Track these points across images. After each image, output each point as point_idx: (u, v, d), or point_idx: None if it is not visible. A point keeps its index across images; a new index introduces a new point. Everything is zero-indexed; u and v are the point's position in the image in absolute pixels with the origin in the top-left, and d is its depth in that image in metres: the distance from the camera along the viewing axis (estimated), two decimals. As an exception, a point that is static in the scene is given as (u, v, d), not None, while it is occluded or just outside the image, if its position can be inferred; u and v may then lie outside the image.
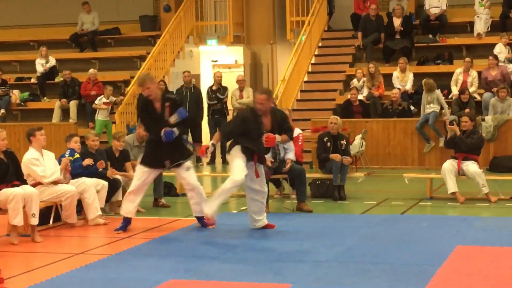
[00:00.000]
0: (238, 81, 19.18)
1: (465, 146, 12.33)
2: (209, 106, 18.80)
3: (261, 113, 9.82)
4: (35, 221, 9.75)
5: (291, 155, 11.80)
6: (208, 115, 18.93)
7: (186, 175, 10.30)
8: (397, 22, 19.65)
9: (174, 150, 10.16)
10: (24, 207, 9.64)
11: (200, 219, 10.46)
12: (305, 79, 20.16)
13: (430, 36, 19.95)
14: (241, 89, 18.97)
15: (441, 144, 16.70)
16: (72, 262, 8.65)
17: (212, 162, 18.64)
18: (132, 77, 20.34)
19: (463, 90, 17.14)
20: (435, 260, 8.20)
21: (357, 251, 8.86)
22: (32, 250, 9.41)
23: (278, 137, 9.87)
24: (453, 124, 12.59)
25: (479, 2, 19.66)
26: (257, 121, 9.86)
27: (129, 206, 10.29)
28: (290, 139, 10.44)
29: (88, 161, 11.19)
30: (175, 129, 10.01)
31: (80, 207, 10.98)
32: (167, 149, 10.09)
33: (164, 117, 10.05)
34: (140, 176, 10.22)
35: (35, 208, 9.74)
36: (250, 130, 9.84)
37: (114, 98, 19.30)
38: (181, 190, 13.92)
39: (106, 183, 11.20)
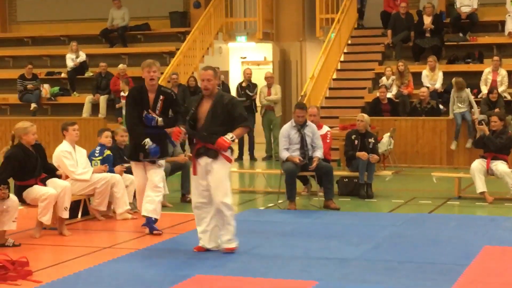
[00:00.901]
0: (266, 78, 19.20)
1: (494, 146, 12.26)
2: (239, 103, 18.76)
3: (206, 94, 8.56)
4: (66, 214, 9.84)
5: (319, 153, 11.79)
6: (237, 112, 18.88)
7: (153, 172, 9.76)
8: (427, 20, 19.54)
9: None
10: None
11: (149, 220, 9.88)
12: (334, 76, 20.12)
13: (461, 34, 19.81)
14: (269, 86, 18.98)
15: (468, 145, 16.62)
16: (100, 256, 8.70)
17: (240, 158, 18.67)
18: (162, 73, 20.39)
19: (491, 89, 17.04)
20: (462, 260, 8.17)
21: (384, 249, 8.84)
22: (60, 244, 9.48)
23: (228, 137, 8.33)
24: (482, 124, 12.51)
25: (511, 1, 19.49)
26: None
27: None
28: (245, 129, 8.71)
29: (119, 170, 11.21)
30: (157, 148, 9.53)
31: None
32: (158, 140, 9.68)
33: (154, 111, 9.60)
34: (136, 173, 10.01)
35: (67, 202, 9.83)
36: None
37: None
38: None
39: (134, 179, 11.26)
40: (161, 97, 9.65)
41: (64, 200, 9.77)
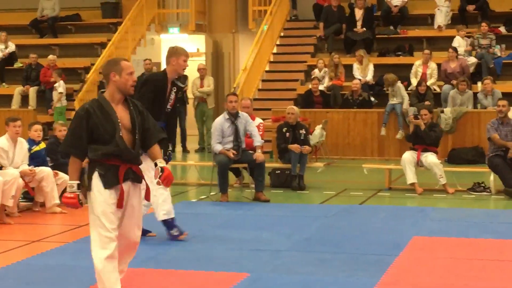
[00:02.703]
0: (199, 70, 19.17)
1: (429, 140, 12.45)
2: (170, 94, 18.68)
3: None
4: (11, 203, 10.06)
5: (258, 141, 11.70)
6: (169, 103, 18.81)
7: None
8: (358, 13, 19.71)
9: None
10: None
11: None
12: (267, 68, 20.17)
13: (391, 27, 20.04)
14: (202, 78, 18.95)
15: (398, 136, 16.83)
16: (28, 249, 8.59)
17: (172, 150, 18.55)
18: (93, 64, 20.20)
19: (420, 82, 17.29)
20: (392, 250, 8.27)
21: (316, 240, 8.90)
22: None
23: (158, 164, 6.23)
24: (418, 118, 12.64)
25: (439, -5, 19.81)
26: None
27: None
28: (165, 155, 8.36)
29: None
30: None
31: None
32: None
33: (167, 103, 8.96)
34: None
35: (14, 191, 10.07)
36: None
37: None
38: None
39: (66, 178, 11.08)
40: (174, 89, 9.14)
41: (11, 189, 9.89)
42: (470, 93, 17.00)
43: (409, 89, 17.70)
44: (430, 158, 12.37)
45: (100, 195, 5.99)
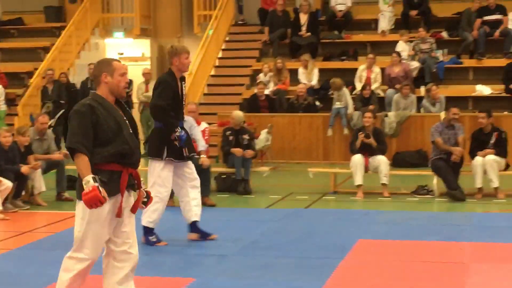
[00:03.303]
0: (144, 74, 19.10)
1: (382, 152, 12.61)
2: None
3: None
4: None
5: (202, 145, 11.66)
6: (114, 108, 18.72)
7: (192, 167, 9.01)
8: (303, 18, 19.82)
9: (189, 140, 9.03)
10: None
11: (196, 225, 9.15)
12: (212, 73, 20.16)
13: (336, 32, 20.19)
14: (147, 82, 18.89)
15: (346, 131, 16.85)
16: (-30, 257, 8.44)
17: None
18: (36, 69, 19.96)
19: (364, 86, 17.45)
20: (337, 253, 8.32)
21: (262, 245, 8.91)
22: None
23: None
24: (369, 137, 12.65)
25: (383, 0, 20.01)
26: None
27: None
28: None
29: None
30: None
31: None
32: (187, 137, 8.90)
33: (182, 100, 8.77)
34: (167, 176, 8.86)
35: None
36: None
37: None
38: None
39: (10, 185, 10.98)
40: (184, 83, 8.86)
41: None
42: (414, 97, 17.20)
43: (353, 93, 17.84)
44: (379, 157, 12.49)
45: (101, 208, 5.45)
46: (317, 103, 17.94)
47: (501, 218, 10.87)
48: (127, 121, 5.67)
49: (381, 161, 12.47)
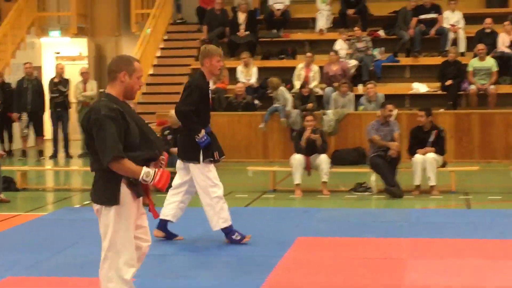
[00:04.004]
0: (81, 74, 18.91)
1: (323, 152, 12.65)
2: (51, 99, 18.40)
3: None
4: None
5: None
6: (50, 108, 18.53)
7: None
8: (242, 17, 19.83)
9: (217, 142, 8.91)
10: None
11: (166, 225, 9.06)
12: (151, 72, 20.06)
13: (274, 31, 20.25)
14: (85, 82, 18.69)
15: (282, 120, 16.78)
16: None
17: (54, 156, 18.26)
18: (-30, 69, 19.62)
19: (303, 84, 17.53)
20: (277, 251, 8.33)
21: (201, 244, 8.89)
22: None
23: None
24: (317, 133, 12.67)
25: (320, -1, 20.16)
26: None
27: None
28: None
29: None
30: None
31: None
32: (215, 140, 8.82)
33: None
34: (211, 175, 8.74)
35: None
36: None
37: None
38: (21, 185, 13.58)
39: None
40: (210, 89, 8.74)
41: None
42: (352, 95, 17.34)
43: (292, 91, 17.90)
44: (321, 155, 12.54)
45: (130, 211, 5.41)
46: (256, 101, 17.96)
47: (438, 214, 11.01)
48: (148, 124, 5.55)
49: (322, 159, 12.52)
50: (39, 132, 18.41)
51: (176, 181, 8.98)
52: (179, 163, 8.87)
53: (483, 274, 7.44)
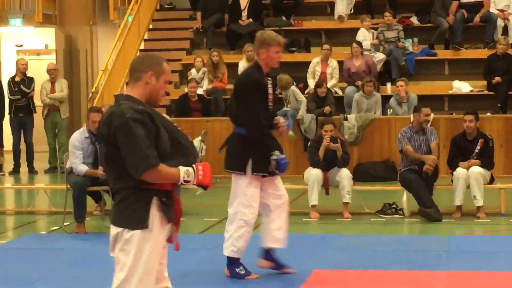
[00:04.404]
0: (49, 71, 18.91)
1: (345, 165, 12.63)
2: (11, 101, 18.46)
3: None
4: None
5: None
6: (10, 113, 18.57)
7: (278, 182, 8.88)
8: (244, 1, 19.87)
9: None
10: None
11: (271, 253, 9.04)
12: (133, 69, 20.07)
13: (283, 18, 20.29)
14: (53, 81, 18.71)
15: (290, 133, 16.79)
16: None
17: (16, 171, 18.30)
18: None
19: (319, 83, 17.49)
20: (289, 286, 8.35)
21: (195, 278, 8.92)
22: None
23: None
24: (337, 142, 12.66)
25: (340, -22, 20.21)
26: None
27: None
28: None
29: None
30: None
31: None
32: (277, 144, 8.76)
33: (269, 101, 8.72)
34: (255, 193, 8.73)
35: None
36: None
37: None
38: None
39: None
40: (269, 80, 8.80)
41: None
42: (378, 96, 17.36)
43: (305, 92, 17.92)
44: (342, 170, 12.53)
45: (157, 238, 5.48)
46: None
47: (485, 240, 11.01)
48: (178, 128, 5.59)
49: (344, 175, 12.49)
50: (-3, 142, 18.48)
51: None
52: None
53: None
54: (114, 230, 5.45)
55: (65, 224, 12.08)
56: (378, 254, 10.04)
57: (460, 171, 12.43)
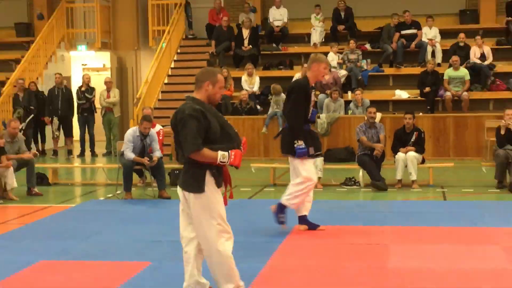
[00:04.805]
0: (105, 83, 18.90)
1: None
2: (79, 105, 18.44)
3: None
4: None
5: (157, 154, 11.70)
6: (77, 113, 18.55)
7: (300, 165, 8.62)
8: (245, 32, 19.82)
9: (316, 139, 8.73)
10: None
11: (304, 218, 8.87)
12: (166, 81, 20.02)
13: (274, 45, 20.24)
14: (108, 90, 18.68)
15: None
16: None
17: (82, 155, 18.26)
18: (8, 79, 19.62)
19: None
20: (277, 237, 8.37)
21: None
22: None
23: None
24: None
25: (315, 16, 20.13)
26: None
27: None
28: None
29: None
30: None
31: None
32: (312, 138, 8.64)
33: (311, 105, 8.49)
34: (311, 167, 8.67)
35: None
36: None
37: None
38: (53, 180, 13.60)
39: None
40: (314, 90, 8.66)
41: None
42: (342, 101, 17.30)
43: (290, 98, 17.83)
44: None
45: (216, 195, 5.63)
46: (258, 107, 17.96)
47: (418, 205, 11.02)
48: (228, 122, 5.73)
49: (318, 159, 12.45)
50: (68, 133, 18.42)
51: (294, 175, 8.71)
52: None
53: (458, 258, 7.45)
54: (181, 192, 5.75)
55: (117, 192, 12.07)
56: (342, 214, 10.02)
57: (400, 155, 12.45)
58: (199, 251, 5.89)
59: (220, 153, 5.52)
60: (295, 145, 8.37)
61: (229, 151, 5.57)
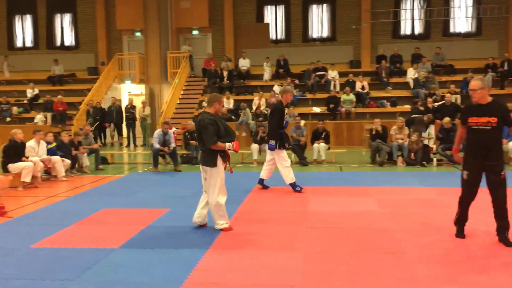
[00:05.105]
0: (142, 103, 18.69)
1: (267, 142, 12.31)
2: (126, 116, 18.22)
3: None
4: (28, 179, 9.33)
5: (173, 145, 11.63)
6: (125, 121, 18.34)
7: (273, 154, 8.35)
8: (225, 73, 19.74)
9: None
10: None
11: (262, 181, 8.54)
12: (178, 102, 19.87)
13: (242, 80, 20.18)
14: (144, 107, 18.50)
15: (244, 134, 16.78)
16: (47, 201, 8.14)
17: (128, 146, 18.03)
18: (83, 100, 19.28)
19: (256, 108, 17.27)
20: (244, 193, 8.30)
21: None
22: (23, 195, 8.77)
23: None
24: (265, 133, 12.47)
25: (266, 64, 20.11)
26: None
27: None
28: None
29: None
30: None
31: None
32: (286, 136, 8.34)
33: (285, 119, 8.24)
34: (284, 155, 8.28)
35: (31, 172, 9.35)
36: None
37: None
38: (111, 160, 13.43)
39: (69, 162, 10.70)
40: (286, 110, 8.29)
41: (37, 168, 9.45)
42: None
43: (251, 111, 17.85)
44: (266, 144, 12.38)
45: (222, 168, 5.81)
46: (233, 117, 17.92)
47: (325, 174, 11.06)
48: (228, 125, 5.91)
49: (267, 146, 12.40)
50: (119, 133, 18.18)
51: (268, 157, 8.50)
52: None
53: (347, 204, 7.54)
54: (202, 168, 5.87)
55: (149, 168, 11.96)
56: (281, 179, 9.70)
57: (315, 145, 12.53)
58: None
59: (227, 144, 5.75)
60: (269, 142, 8.15)
61: (232, 143, 5.79)
